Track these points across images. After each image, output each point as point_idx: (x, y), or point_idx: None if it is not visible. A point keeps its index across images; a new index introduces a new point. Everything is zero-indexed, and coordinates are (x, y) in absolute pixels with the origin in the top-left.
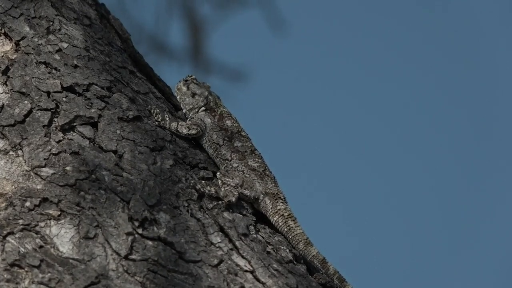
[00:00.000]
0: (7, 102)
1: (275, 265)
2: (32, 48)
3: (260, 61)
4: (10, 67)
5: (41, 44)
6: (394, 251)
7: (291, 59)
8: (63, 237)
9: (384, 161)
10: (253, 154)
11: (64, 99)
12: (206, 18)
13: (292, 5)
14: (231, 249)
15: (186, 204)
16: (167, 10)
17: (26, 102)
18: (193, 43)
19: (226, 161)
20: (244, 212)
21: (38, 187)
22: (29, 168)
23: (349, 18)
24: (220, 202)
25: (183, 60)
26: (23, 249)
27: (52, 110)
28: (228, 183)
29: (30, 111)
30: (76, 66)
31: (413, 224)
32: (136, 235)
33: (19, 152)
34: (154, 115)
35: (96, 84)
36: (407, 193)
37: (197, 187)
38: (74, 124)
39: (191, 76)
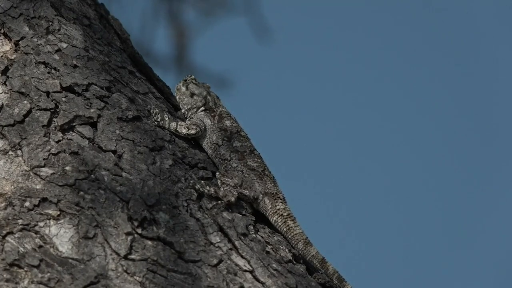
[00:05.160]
0: (7, 102)
1: (274, 265)
2: (32, 48)
3: (245, 68)
4: (10, 67)
5: (41, 44)
6: (394, 250)
7: (276, 66)
8: (62, 237)
9: (384, 161)
10: (252, 154)
11: (63, 99)
12: (191, 25)
13: (277, 13)
14: (231, 249)
15: (186, 204)
16: (152, 16)
17: (25, 102)
18: (178, 50)
19: (226, 161)
20: (244, 212)
21: (38, 187)
22: (29, 168)
23: (335, 25)
24: (219, 202)
25: (168, 66)
26: (22, 249)
27: (51, 110)
28: (228, 183)
29: (29, 111)
30: (75, 66)
31: (413, 224)
32: (136, 235)
33: (19, 152)
34: (153, 115)
35: (96, 84)
36: (407, 193)
37: (196, 187)
38: (74, 124)
39: (191, 76)
